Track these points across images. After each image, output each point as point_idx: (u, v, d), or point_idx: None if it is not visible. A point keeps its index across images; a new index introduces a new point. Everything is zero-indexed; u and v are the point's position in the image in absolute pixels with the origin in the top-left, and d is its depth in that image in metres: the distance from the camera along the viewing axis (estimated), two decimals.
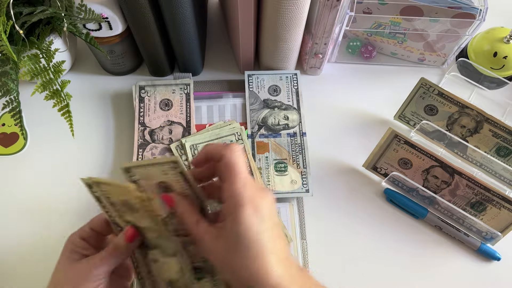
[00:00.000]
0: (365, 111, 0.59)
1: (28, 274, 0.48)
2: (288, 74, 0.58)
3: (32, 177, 0.53)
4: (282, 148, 0.53)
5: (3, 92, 0.46)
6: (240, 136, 0.47)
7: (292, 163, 0.52)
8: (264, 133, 0.54)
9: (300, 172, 0.52)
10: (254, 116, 0.55)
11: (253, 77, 0.58)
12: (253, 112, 0.55)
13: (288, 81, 0.58)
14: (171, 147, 0.52)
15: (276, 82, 0.58)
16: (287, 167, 0.52)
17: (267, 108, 0.56)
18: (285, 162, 0.52)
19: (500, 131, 0.51)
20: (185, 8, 0.47)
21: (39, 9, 0.45)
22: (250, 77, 0.58)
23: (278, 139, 0.54)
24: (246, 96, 0.56)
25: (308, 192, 0.51)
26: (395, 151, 0.50)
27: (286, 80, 0.58)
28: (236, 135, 0.46)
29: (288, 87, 0.57)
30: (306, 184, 0.51)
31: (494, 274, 0.49)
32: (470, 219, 0.48)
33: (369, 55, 0.62)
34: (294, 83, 0.58)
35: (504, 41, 0.56)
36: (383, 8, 0.55)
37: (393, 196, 0.52)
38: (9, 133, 0.56)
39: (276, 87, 0.57)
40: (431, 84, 0.52)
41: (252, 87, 0.57)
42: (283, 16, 0.48)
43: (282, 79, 0.58)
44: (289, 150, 0.53)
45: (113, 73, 0.60)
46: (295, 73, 0.58)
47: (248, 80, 0.57)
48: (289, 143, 0.54)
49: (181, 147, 0.52)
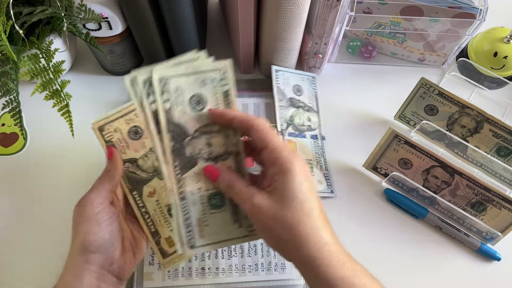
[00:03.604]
0: (365, 111, 0.58)
1: (28, 274, 0.48)
2: (308, 76, 0.59)
3: (32, 177, 0.53)
4: (307, 149, 0.53)
5: (3, 92, 0.46)
6: (225, 75, 0.35)
7: (316, 164, 0.53)
8: (292, 132, 0.54)
9: (323, 174, 0.52)
10: (283, 113, 0.54)
11: (280, 73, 0.56)
12: (281, 109, 0.54)
13: (308, 82, 0.58)
14: (124, 79, 0.34)
15: (299, 82, 0.57)
16: (313, 168, 0.52)
17: (293, 107, 0.55)
18: (311, 163, 0.53)
19: (500, 131, 0.51)
20: (185, 8, 0.47)
21: (39, 9, 0.45)
22: (277, 73, 0.56)
23: (303, 140, 0.54)
24: (274, 92, 0.55)
25: (333, 193, 0.52)
26: (395, 151, 0.50)
27: (307, 82, 0.58)
28: (220, 72, 0.35)
29: (309, 88, 0.57)
30: (330, 185, 0.52)
31: (494, 274, 0.49)
32: (470, 219, 0.48)
33: (369, 55, 0.62)
34: (314, 86, 0.58)
35: (504, 41, 0.56)
36: (383, 8, 0.55)
37: (393, 196, 0.52)
38: (9, 133, 0.56)
39: (299, 87, 0.57)
40: (431, 84, 0.52)
41: (279, 83, 0.56)
42: (283, 16, 0.48)
43: (303, 79, 0.58)
44: (313, 152, 0.53)
45: (113, 73, 0.60)
46: (313, 76, 0.59)
47: (275, 75, 0.56)
48: (312, 144, 0.54)
49: (146, 80, 0.34)
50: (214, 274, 0.47)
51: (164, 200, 0.41)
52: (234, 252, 0.48)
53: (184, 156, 0.35)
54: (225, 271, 0.47)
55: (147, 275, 0.46)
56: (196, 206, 0.35)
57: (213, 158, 0.35)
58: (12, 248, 0.49)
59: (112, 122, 0.41)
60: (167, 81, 0.34)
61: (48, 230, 0.50)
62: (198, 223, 0.35)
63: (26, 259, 0.48)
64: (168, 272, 0.46)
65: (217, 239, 0.35)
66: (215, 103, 0.35)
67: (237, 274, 0.47)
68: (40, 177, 0.53)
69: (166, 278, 0.46)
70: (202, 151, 0.35)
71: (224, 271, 0.47)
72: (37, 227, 0.50)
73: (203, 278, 0.46)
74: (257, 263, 0.47)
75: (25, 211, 0.51)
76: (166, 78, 0.34)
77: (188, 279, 0.46)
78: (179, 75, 0.34)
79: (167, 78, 0.34)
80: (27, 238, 0.49)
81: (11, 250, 0.49)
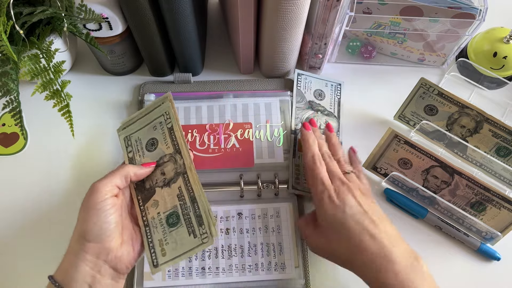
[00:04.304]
0: (365, 111, 0.59)
1: (28, 273, 0.48)
2: (334, 83, 0.59)
3: (32, 177, 0.53)
4: None
5: (4, 92, 0.46)
6: (168, 115, 0.43)
7: None
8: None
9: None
10: (299, 114, 0.56)
11: (302, 77, 0.58)
12: (298, 110, 0.56)
13: (332, 89, 0.59)
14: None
15: (321, 87, 0.58)
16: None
17: (311, 109, 0.56)
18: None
19: (500, 131, 0.51)
20: (185, 8, 0.47)
21: (39, 9, 0.45)
22: (300, 76, 0.58)
23: None
24: (294, 93, 0.57)
25: None
26: (395, 151, 0.50)
27: (330, 88, 0.59)
28: (164, 115, 0.44)
29: (332, 95, 0.58)
30: None
31: (494, 274, 0.49)
32: (470, 219, 0.48)
33: (369, 55, 0.62)
34: (338, 93, 0.58)
35: (504, 41, 0.56)
36: (383, 8, 0.55)
37: (393, 196, 0.52)
38: (9, 133, 0.56)
39: (321, 92, 0.58)
40: (431, 84, 0.52)
41: (300, 86, 0.57)
42: (283, 16, 0.48)
43: (327, 86, 0.59)
44: None
45: (113, 73, 0.60)
46: (339, 83, 0.59)
47: (297, 78, 0.58)
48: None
49: (124, 138, 0.46)
50: (214, 274, 0.47)
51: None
52: (234, 252, 0.48)
53: (145, 189, 0.43)
54: (225, 271, 0.47)
55: (148, 274, 0.46)
56: (157, 228, 0.41)
57: (166, 183, 0.42)
58: (12, 248, 0.49)
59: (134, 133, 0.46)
60: (130, 137, 0.45)
61: (48, 230, 0.50)
62: (159, 244, 0.41)
63: (26, 259, 0.48)
64: (168, 272, 0.47)
65: (176, 254, 0.40)
66: (164, 140, 0.44)
67: (237, 274, 0.47)
68: (40, 177, 0.53)
69: (166, 278, 0.46)
70: (158, 180, 0.42)
71: (224, 271, 0.47)
72: (37, 227, 0.50)
73: (203, 278, 0.47)
74: (257, 263, 0.47)
75: (25, 211, 0.51)
76: (129, 135, 0.46)
77: (188, 278, 0.46)
78: (138, 130, 0.45)
79: (130, 135, 0.45)
80: (27, 238, 0.50)
81: (11, 250, 0.49)
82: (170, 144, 0.43)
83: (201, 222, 0.39)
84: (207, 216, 0.39)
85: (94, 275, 0.35)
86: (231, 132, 0.54)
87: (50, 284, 0.36)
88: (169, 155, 0.43)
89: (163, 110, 0.44)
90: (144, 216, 0.42)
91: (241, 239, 0.49)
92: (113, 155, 0.54)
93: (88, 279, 0.35)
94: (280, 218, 0.50)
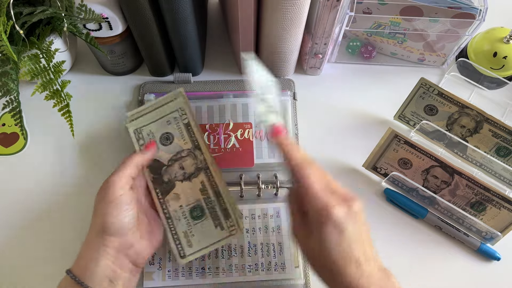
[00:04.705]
0: (365, 111, 0.59)
1: (28, 273, 0.48)
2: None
3: (32, 177, 0.53)
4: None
5: (4, 92, 0.46)
6: (183, 111, 0.45)
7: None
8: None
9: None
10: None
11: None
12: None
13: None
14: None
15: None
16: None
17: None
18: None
19: (500, 131, 0.51)
20: (185, 8, 0.47)
21: (39, 9, 0.45)
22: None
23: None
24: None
25: None
26: (395, 151, 0.50)
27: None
28: (179, 111, 0.45)
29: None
30: None
31: (494, 274, 0.49)
32: (470, 219, 0.48)
33: (369, 55, 0.62)
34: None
35: (504, 41, 0.56)
36: (383, 8, 0.55)
37: (393, 196, 0.52)
38: (9, 133, 0.56)
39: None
40: (431, 84, 0.52)
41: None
42: (283, 16, 0.48)
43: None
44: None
45: (113, 73, 0.60)
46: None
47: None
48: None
49: (135, 130, 0.47)
50: (214, 274, 0.47)
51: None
52: (234, 252, 0.48)
53: (163, 182, 0.44)
54: (225, 271, 0.47)
55: (147, 275, 0.46)
56: (181, 221, 0.43)
57: (187, 177, 0.44)
58: (12, 248, 0.49)
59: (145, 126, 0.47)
60: (141, 130, 0.46)
61: (48, 230, 0.50)
62: (184, 235, 0.42)
63: (26, 259, 0.48)
64: (168, 272, 0.47)
65: (203, 245, 0.42)
66: (181, 135, 0.45)
67: (237, 274, 0.47)
68: (40, 177, 0.53)
69: (166, 278, 0.46)
70: (177, 174, 0.44)
71: (224, 271, 0.47)
72: (37, 227, 0.50)
73: (203, 278, 0.47)
74: (257, 263, 0.47)
75: (25, 211, 0.51)
76: (139, 128, 0.46)
77: (188, 279, 0.46)
78: (150, 123, 0.46)
79: (140, 128, 0.46)
80: (27, 238, 0.49)
81: (11, 250, 0.49)
82: (188, 139, 0.45)
83: (228, 215, 0.42)
84: (233, 210, 0.41)
85: (115, 269, 0.35)
86: (231, 132, 0.54)
87: (66, 278, 0.35)
88: (187, 150, 0.45)
89: (177, 106, 0.46)
90: (165, 208, 0.43)
91: (241, 239, 0.49)
92: (113, 155, 0.54)
93: (109, 273, 0.34)
94: (280, 218, 0.50)
